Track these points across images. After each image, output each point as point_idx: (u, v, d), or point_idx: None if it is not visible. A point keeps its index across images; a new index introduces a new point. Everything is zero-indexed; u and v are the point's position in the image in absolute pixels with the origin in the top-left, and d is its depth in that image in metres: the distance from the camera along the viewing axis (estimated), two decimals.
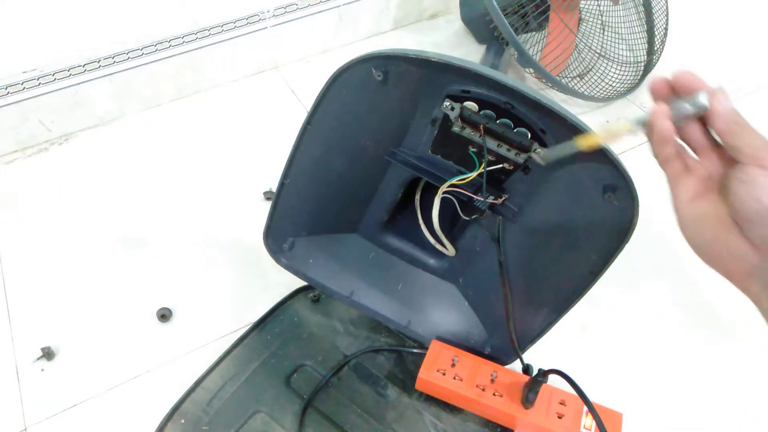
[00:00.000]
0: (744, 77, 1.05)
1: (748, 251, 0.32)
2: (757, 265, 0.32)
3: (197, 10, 0.91)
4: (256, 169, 0.87)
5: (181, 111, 0.98)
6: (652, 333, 0.70)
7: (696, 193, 0.35)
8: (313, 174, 0.59)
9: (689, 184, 0.35)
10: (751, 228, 0.31)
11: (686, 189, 0.35)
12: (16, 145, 0.91)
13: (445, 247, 0.63)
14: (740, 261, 0.32)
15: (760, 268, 0.32)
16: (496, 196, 0.53)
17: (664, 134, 0.35)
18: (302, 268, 0.66)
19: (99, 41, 0.87)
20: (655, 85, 0.35)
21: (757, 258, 0.32)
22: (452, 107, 0.48)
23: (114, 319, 0.70)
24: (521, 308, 0.59)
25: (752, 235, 0.31)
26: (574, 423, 0.56)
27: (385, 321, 0.66)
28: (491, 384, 0.59)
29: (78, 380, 0.65)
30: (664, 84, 0.35)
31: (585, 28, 1.00)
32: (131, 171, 0.88)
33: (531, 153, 0.48)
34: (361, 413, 0.61)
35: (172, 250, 0.77)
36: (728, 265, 0.33)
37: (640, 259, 0.74)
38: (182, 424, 0.60)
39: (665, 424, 0.62)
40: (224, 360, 0.65)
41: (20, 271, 0.75)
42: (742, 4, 1.20)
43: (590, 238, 0.52)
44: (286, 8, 0.99)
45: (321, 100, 0.53)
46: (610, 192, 0.47)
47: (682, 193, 0.35)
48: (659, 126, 0.34)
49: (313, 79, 1.02)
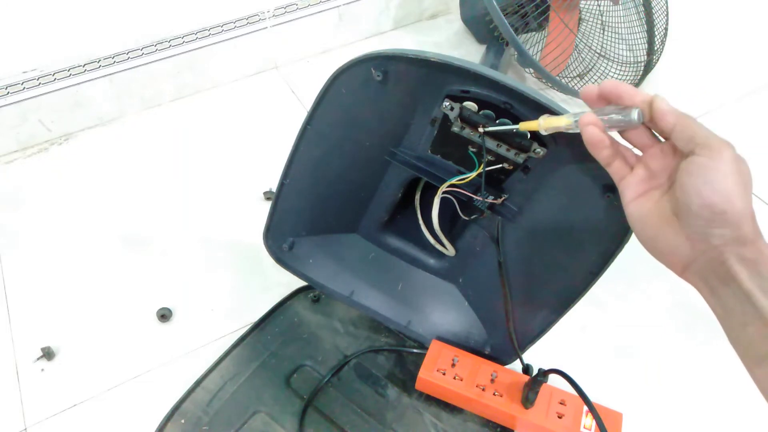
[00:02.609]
0: (744, 77, 1.05)
1: (685, 244, 0.34)
2: (692, 258, 0.34)
3: (197, 10, 0.91)
4: (256, 169, 0.87)
5: (181, 111, 0.98)
6: (652, 333, 0.70)
7: (639, 191, 0.37)
8: (313, 174, 0.59)
9: (632, 182, 0.37)
10: (690, 221, 0.33)
11: (630, 188, 0.37)
12: (16, 145, 0.91)
13: (444, 247, 0.63)
14: (678, 254, 0.34)
15: (694, 261, 0.34)
16: (496, 196, 0.53)
17: (593, 141, 0.37)
18: (302, 268, 0.66)
19: (99, 41, 0.87)
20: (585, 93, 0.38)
21: (691, 250, 0.34)
22: (452, 107, 0.48)
23: (114, 319, 0.70)
24: (521, 308, 0.59)
25: (689, 229, 0.33)
26: (574, 423, 0.56)
27: (385, 321, 0.66)
28: (491, 384, 0.59)
29: (78, 380, 0.65)
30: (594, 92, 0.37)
31: (585, 28, 1.00)
32: (131, 171, 0.88)
33: (531, 153, 0.48)
34: (361, 413, 0.61)
35: (172, 250, 0.77)
36: (669, 258, 0.35)
37: (640, 259, 0.74)
38: (182, 424, 0.60)
39: (665, 424, 0.62)
40: (224, 360, 0.65)
41: (20, 272, 0.75)
42: (742, 4, 1.20)
43: (590, 238, 0.52)
44: (286, 8, 0.99)
45: (321, 100, 0.53)
46: (610, 192, 0.47)
47: (627, 191, 0.37)
48: (586, 133, 0.37)
49: (313, 79, 1.02)
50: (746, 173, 0.32)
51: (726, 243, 0.32)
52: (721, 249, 0.32)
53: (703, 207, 0.32)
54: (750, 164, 0.33)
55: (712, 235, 0.32)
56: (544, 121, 0.41)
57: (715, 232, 0.32)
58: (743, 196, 0.31)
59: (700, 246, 0.33)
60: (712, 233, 0.32)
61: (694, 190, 0.32)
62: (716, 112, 0.97)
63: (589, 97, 0.38)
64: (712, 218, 0.32)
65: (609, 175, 0.46)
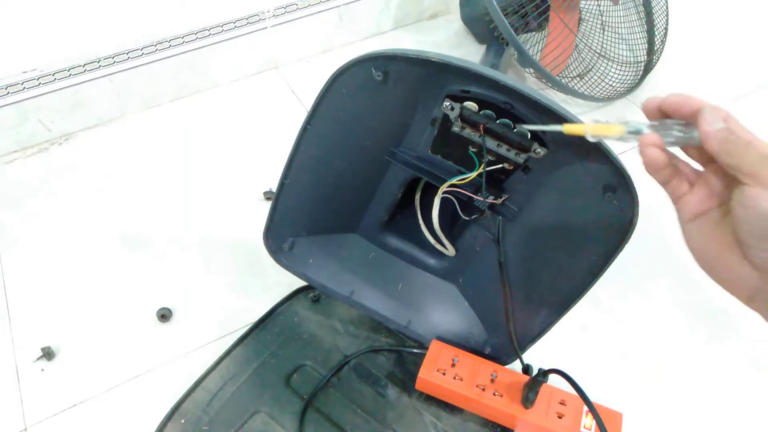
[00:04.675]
0: (744, 77, 1.05)
1: (751, 273, 0.31)
2: (760, 288, 0.31)
3: (197, 10, 0.91)
4: (256, 169, 0.87)
5: (181, 111, 0.98)
6: (652, 333, 0.70)
7: (698, 212, 0.33)
8: (313, 174, 0.59)
9: (691, 202, 0.34)
10: (753, 252, 0.30)
11: (688, 207, 0.34)
12: (16, 145, 0.91)
13: (445, 247, 0.63)
14: (743, 282, 0.31)
15: (761, 291, 0.31)
16: (496, 196, 0.53)
17: (654, 163, 0.34)
18: (302, 268, 0.66)
19: (99, 41, 0.87)
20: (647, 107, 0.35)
21: (759, 281, 0.31)
22: (452, 107, 0.48)
23: (114, 319, 0.70)
24: (521, 308, 0.59)
25: (754, 258, 0.30)
26: (574, 423, 0.56)
27: (385, 321, 0.66)
28: (491, 384, 0.59)
29: (78, 380, 0.65)
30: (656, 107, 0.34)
31: (585, 28, 1.00)
32: (131, 171, 0.88)
33: (531, 153, 0.48)
34: (361, 413, 0.61)
35: (172, 250, 0.77)
36: (732, 285, 0.32)
37: (640, 259, 0.74)
38: (182, 424, 0.60)
39: (665, 424, 0.62)
40: (224, 360, 0.65)
41: (20, 271, 0.75)
42: (742, 4, 1.20)
43: (590, 238, 0.52)
44: (286, 8, 0.99)
45: (321, 100, 0.53)
46: (610, 192, 0.47)
47: (684, 211, 0.34)
48: (647, 155, 0.33)
49: (313, 79, 1.02)
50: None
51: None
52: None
53: (763, 239, 0.29)
54: None
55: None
56: (591, 128, 0.37)
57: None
58: None
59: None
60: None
61: (750, 222, 0.29)
62: None
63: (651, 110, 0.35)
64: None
65: (609, 175, 0.46)
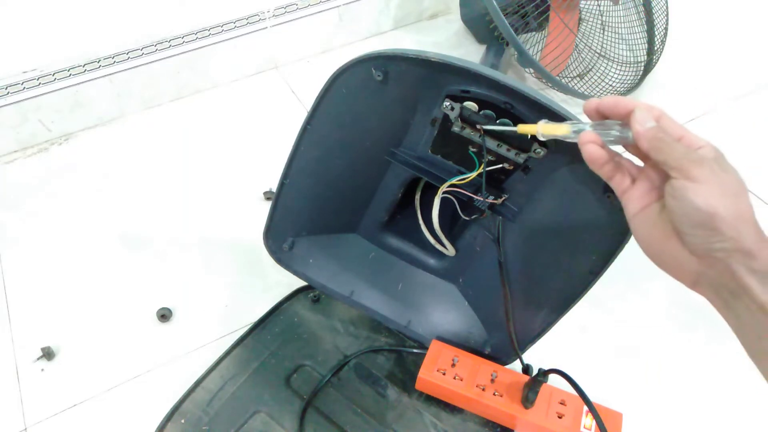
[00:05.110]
0: (743, 77, 1.05)
1: (691, 259, 0.33)
2: (700, 272, 0.33)
3: (197, 10, 0.91)
4: (256, 169, 0.87)
5: (181, 111, 0.98)
6: (652, 333, 0.70)
7: (641, 205, 0.36)
8: (313, 174, 0.59)
9: (634, 196, 0.36)
10: (687, 239, 0.32)
11: (632, 201, 0.36)
12: (16, 145, 0.91)
13: (445, 247, 0.63)
14: (686, 268, 0.34)
15: (703, 274, 0.33)
16: (496, 196, 0.53)
17: (592, 159, 0.37)
18: (302, 268, 0.66)
19: (99, 41, 0.87)
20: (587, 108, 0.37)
21: (699, 265, 0.33)
22: (452, 107, 0.48)
23: (114, 319, 0.70)
24: (521, 308, 0.59)
25: (690, 245, 0.33)
26: (574, 423, 0.56)
27: (385, 321, 0.66)
28: (491, 384, 0.59)
29: (78, 380, 0.65)
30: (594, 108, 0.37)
31: (585, 28, 1.00)
32: (131, 171, 0.88)
33: (531, 153, 0.48)
34: (361, 413, 0.61)
35: (172, 250, 0.77)
36: (677, 271, 0.35)
37: (640, 259, 0.74)
38: (182, 424, 0.60)
39: (665, 424, 0.62)
40: (224, 360, 0.65)
41: (20, 271, 0.75)
42: (742, 4, 1.20)
43: (590, 238, 0.52)
44: (286, 8, 0.99)
45: (321, 100, 0.53)
46: (610, 192, 0.47)
47: (629, 205, 0.37)
48: (585, 151, 0.37)
49: (313, 79, 1.02)
50: (731, 182, 0.32)
51: (730, 255, 0.31)
52: (728, 261, 0.31)
53: (694, 227, 0.31)
54: (749, 164, 0.33)
55: (713, 249, 0.31)
56: (542, 128, 0.41)
57: (716, 246, 0.31)
58: (733, 207, 0.31)
59: (706, 260, 0.32)
60: (713, 248, 0.31)
61: (680, 213, 0.32)
62: (716, 112, 0.97)
63: (590, 112, 0.37)
64: (707, 235, 0.31)
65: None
